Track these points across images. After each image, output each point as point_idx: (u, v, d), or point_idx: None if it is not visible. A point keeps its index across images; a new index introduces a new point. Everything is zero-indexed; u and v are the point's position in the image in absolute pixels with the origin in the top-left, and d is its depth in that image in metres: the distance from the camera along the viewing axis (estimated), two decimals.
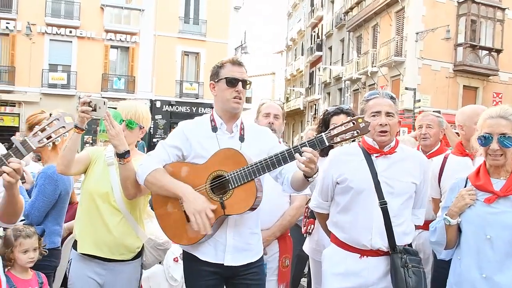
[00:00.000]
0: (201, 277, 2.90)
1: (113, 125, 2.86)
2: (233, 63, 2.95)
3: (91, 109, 2.79)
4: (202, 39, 29.95)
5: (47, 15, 26.97)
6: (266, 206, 2.93)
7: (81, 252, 3.15)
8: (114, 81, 28.32)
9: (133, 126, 3.21)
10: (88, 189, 3.17)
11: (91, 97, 2.82)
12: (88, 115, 2.80)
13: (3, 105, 26.17)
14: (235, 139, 2.93)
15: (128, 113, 3.21)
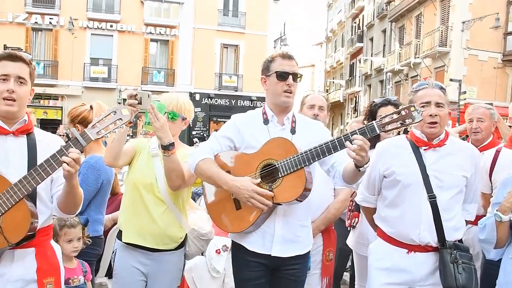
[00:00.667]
0: (247, 267, 2.93)
1: (158, 118, 2.90)
2: (283, 56, 2.96)
3: (137, 102, 2.82)
4: (241, 31, 29.95)
5: (89, 10, 27.58)
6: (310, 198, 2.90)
7: (126, 242, 3.20)
8: (154, 74, 28.75)
9: (175, 118, 3.24)
10: (133, 180, 3.22)
11: (136, 90, 2.87)
12: (135, 108, 2.83)
13: (46, 99, 26.95)
14: (286, 131, 2.94)
15: (170, 105, 3.23)
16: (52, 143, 2.53)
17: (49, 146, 2.46)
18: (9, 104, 2.39)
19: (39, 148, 2.50)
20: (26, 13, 26.63)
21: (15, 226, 2.31)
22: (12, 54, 2.44)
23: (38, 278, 2.44)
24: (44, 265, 2.47)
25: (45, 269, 2.47)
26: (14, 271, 2.40)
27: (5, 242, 2.30)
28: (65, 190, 2.44)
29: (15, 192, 2.29)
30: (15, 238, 2.31)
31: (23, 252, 2.42)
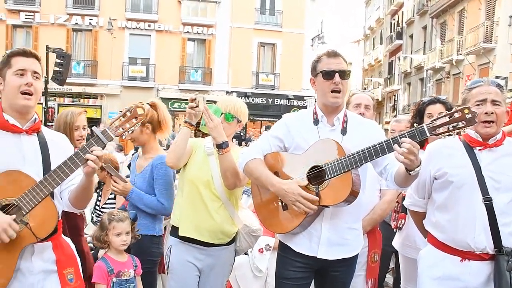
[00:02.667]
0: (291, 268, 2.95)
1: (212, 118, 3.07)
2: (328, 55, 2.93)
3: (196, 105, 3.09)
4: (278, 29, 29.80)
5: (127, 10, 28.04)
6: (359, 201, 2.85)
7: (183, 235, 3.32)
8: (191, 73, 28.96)
9: (231, 119, 3.36)
10: (190, 176, 3.35)
11: (197, 95, 3.15)
12: (194, 111, 3.11)
13: (86, 98, 27.63)
14: (336, 132, 2.91)
15: (227, 107, 3.36)
16: (60, 141, 2.72)
17: (59, 144, 2.65)
18: (27, 98, 2.47)
19: (50, 146, 2.59)
20: (67, 14, 27.34)
21: (42, 222, 2.42)
22: (26, 50, 2.54)
23: (59, 269, 2.55)
24: (62, 257, 2.58)
25: (63, 260, 2.58)
26: (35, 264, 2.49)
27: (34, 237, 2.39)
28: (83, 185, 2.52)
29: (41, 189, 2.37)
30: (43, 233, 2.43)
31: (41, 246, 2.51)
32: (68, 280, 2.57)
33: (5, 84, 2.49)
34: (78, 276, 2.64)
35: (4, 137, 2.47)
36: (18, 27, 27.35)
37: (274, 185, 2.81)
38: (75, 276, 2.61)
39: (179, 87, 28.21)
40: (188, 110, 3.16)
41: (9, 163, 2.42)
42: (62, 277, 2.55)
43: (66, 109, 4.06)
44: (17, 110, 2.50)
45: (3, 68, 2.51)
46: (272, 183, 2.82)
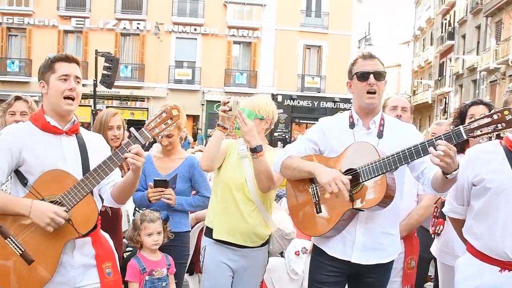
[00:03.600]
0: (324, 271, 2.94)
1: (246, 122, 3.09)
2: (364, 57, 2.94)
3: (228, 108, 3.12)
4: (324, 32, 29.58)
5: (174, 14, 28.62)
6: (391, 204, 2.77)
7: (216, 238, 3.37)
8: (236, 76, 29.18)
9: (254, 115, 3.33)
10: (224, 179, 3.39)
11: (228, 98, 3.17)
12: (226, 114, 3.13)
13: (133, 100, 28.36)
14: (372, 135, 2.89)
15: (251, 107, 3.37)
16: (97, 141, 2.85)
17: (96, 144, 2.79)
18: (70, 103, 2.61)
19: (88, 146, 2.73)
20: (115, 19, 28.25)
21: (83, 219, 2.55)
22: (68, 56, 2.66)
23: (97, 264, 2.67)
24: (100, 252, 2.70)
25: (102, 255, 2.70)
26: (76, 259, 2.62)
27: (76, 233, 2.53)
28: (128, 182, 2.64)
29: (82, 187, 2.50)
30: (84, 229, 2.56)
31: (82, 241, 2.63)
32: (106, 274, 2.68)
33: (48, 88, 2.61)
34: (115, 270, 2.76)
35: (46, 138, 2.61)
36: (69, 32, 28.49)
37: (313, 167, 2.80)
38: (113, 270, 2.73)
39: (224, 90, 28.44)
40: (220, 113, 3.17)
41: (51, 163, 2.56)
42: (100, 271, 2.67)
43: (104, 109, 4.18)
44: (59, 114, 2.64)
45: (46, 73, 2.62)
46: (311, 166, 2.82)
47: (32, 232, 2.49)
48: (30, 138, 2.58)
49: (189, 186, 3.82)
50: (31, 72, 27.32)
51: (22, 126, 2.71)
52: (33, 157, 2.54)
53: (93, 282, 2.65)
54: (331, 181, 2.62)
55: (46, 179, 2.52)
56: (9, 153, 2.51)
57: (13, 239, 2.48)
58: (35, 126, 2.62)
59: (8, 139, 2.56)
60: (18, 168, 2.56)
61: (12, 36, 28.44)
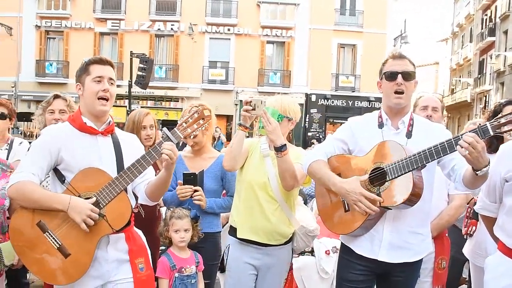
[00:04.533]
0: (351, 269, 2.97)
1: (270, 122, 3.10)
2: (393, 57, 2.95)
3: (251, 108, 3.11)
4: (359, 30, 29.25)
5: (207, 15, 28.86)
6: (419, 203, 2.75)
7: (240, 237, 3.39)
8: (270, 75, 29.17)
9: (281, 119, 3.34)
10: (247, 178, 3.40)
11: (251, 98, 3.16)
12: (249, 113, 3.12)
13: (168, 101, 28.74)
14: (401, 135, 2.90)
15: (274, 107, 3.37)
16: (132, 141, 2.95)
17: (130, 144, 2.89)
18: (103, 104, 2.72)
19: (123, 146, 2.83)
20: (150, 21, 28.71)
21: (117, 215, 2.64)
22: (102, 59, 2.77)
23: (131, 259, 2.76)
24: (134, 247, 2.79)
25: (135, 250, 2.79)
26: (110, 254, 2.71)
27: (110, 229, 2.62)
28: (162, 180, 2.74)
29: (116, 185, 2.60)
30: (118, 225, 2.64)
31: (116, 237, 2.72)
32: (139, 269, 2.77)
33: (84, 90, 2.74)
34: (148, 266, 2.84)
35: (82, 138, 2.74)
36: (105, 34, 29.15)
37: (336, 185, 2.81)
38: (146, 266, 2.81)
39: (258, 89, 28.48)
40: (243, 113, 3.17)
41: (88, 161, 2.67)
42: (133, 266, 2.76)
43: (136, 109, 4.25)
44: (94, 114, 2.75)
45: (81, 75, 2.75)
46: (334, 182, 2.83)
47: (69, 226, 2.60)
48: (68, 138, 2.71)
49: (220, 186, 3.81)
50: (68, 74, 28.15)
51: (60, 127, 2.84)
52: (70, 156, 2.67)
53: (126, 276, 2.74)
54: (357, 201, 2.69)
55: (82, 177, 2.64)
56: (48, 153, 2.65)
57: (51, 233, 2.60)
58: (73, 127, 2.76)
59: (47, 139, 2.70)
60: (57, 167, 2.70)
61: (50, 39, 29.33)
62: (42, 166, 2.64)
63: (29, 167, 2.63)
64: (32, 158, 2.68)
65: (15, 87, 27.52)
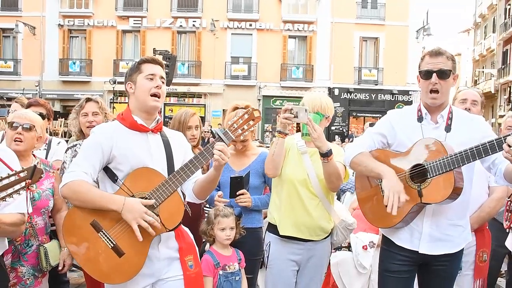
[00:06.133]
0: (395, 261, 3.00)
1: (315, 129, 3.08)
2: (430, 54, 2.93)
3: (293, 116, 3.08)
4: (381, 23, 28.90)
5: (229, 10, 28.75)
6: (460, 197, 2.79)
7: (284, 234, 3.43)
8: (292, 70, 29.00)
9: (320, 119, 3.35)
10: (287, 176, 3.43)
11: (292, 105, 3.12)
12: (290, 121, 3.11)
13: (191, 97, 28.72)
14: (440, 129, 2.91)
15: (314, 106, 3.37)
16: (179, 139, 2.98)
17: (178, 142, 2.92)
18: (156, 100, 2.76)
19: (172, 143, 2.87)
20: (172, 17, 28.72)
21: (170, 215, 2.68)
22: (154, 58, 2.85)
23: (181, 256, 2.80)
24: (183, 245, 2.82)
25: (185, 248, 2.82)
26: (161, 252, 2.76)
27: (163, 228, 2.65)
28: (211, 179, 2.77)
29: (170, 185, 2.64)
30: (171, 224, 2.69)
31: (166, 236, 2.76)
32: (188, 267, 2.81)
33: (135, 88, 2.79)
34: (197, 263, 2.88)
35: (133, 136, 2.77)
36: (127, 32, 29.27)
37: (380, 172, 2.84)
38: (195, 263, 2.85)
39: (280, 84, 28.40)
40: (283, 120, 3.14)
41: (139, 159, 2.71)
42: (183, 263, 2.79)
43: (182, 109, 4.33)
44: (146, 111, 2.80)
45: (133, 74, 2.81)
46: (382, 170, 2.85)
47: (123, 226, 2.62)
48: (119, 136, 2.72)
49: (262, 182, 3.83)
50: (91, 72, 28.48)
51: (111, 125, 2.85)
52: (122, 154, 2.70)
53: (176, 274, 2.77)
54: (392, 191, 2.70)
55: (135, 177, 2.66)
56: (100, 151, 2.67)
57: (105, 233, 2.62)
58: (123, 125, 2.78)
59: (99, 138, 2.71)
60: (108, 165, 2.72)
61: (73, 37, 29.56)
62: (94, 165, 2.66)
63: (81, 166, 2.64)
64: (84, 157, 2.69)
65: (39, 86, 27.88)
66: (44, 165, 3.50)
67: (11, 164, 2.45)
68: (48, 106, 4.77)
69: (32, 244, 3.28)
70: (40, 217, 3.34)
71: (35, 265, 3.28)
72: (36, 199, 3.29)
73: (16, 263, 3.21)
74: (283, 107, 3.14)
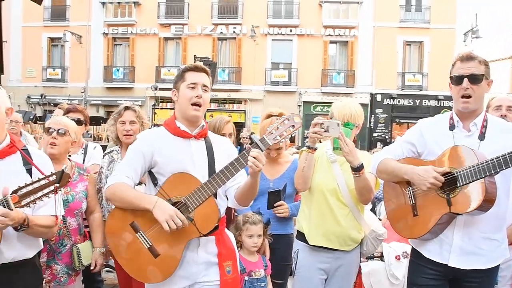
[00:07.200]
0: (423, 275, 2.91)
1: (347, 143, 3.06)
2: (461, 59, 2.87)
3: (323, 130, 3.03)
4: (426, 26, 28.25)
5: (269, 17, 28.91)
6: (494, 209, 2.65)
7: (313, 244, 3.41)
8: (333, 76, 28.74)
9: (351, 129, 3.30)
10: (317, 184, 3.41)
11: (323, 120, 3.07)
12: (320, 135, 3.06)
13: (231, 103, 29.01)
14: (473, 137, 2.80)
15: (344, 116, 3.33)
16: (224, 145, 3.00)
17: (222, 148, 2.95)
18: (196, 109, 2.81)
19: (215, 150, 2.90)
20: (212, 24, 29.17)
21: (205, 219, 2.70)
22: (197, 66, 2.89)
23: (219, 262, 2.83)
24: (223, 250, 2.85)
25: (224, 253, 2.85)
26: (200, 256, 2.80)
27: (198, 232, 2.70)
28: (248, 185, 2.75)
29: (205, 190, 2.67)
30: (205, 229, 2.71)
31: (206, 240, 2.80)
32: (226, 272, 2.83)
33: (179, 96, 2.87)
34: (235, 269, 2.90)
35: (176, 142, 2.84)
36: (169, 39, 29.91)
37: (408, 172, 2.80)
38: (233, 269, 2.87)
39: (321, 90, 28.21)
40: (312, 135, 3.10)
41: (181, 164, 2.77)
42: (221, 268, 2.82)
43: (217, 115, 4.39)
44: (187, 119, 2.86)
45: (178, 82, 2.89)
46: (406, 170, 2.81)
47: (159, 228, 2.67)
48: (162, 142, 2.83)
49: (295, 189, 3.81)
50: (134, 78, 29.32)
51: (155, 131, 2.96)
52: (163, 159, 2.79)
53: (213, 279, 2.81)
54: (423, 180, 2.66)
55: (173, 182, 2.74)
56: (142, 156, 2.80)
57: (142, 234, 2.74)
58: (167, 131, 2.88)
59: (142, 143, 2.84)
60: (151, 170, 2.84)
61: (117, 45, 30.53)
62: (136, 169, 2.79)
63: (124, 170, 2.80)
64: (127, 162, 2.84)
65: (85, 92, 28.87)
66: (79, 168, 3.69)
67: (44, 168, 2.60)
68: (85, 112, 5.04)
69: (66, 243, 3.48)
70: (74, 218, 3.53)
71: (69, 263, 3.47)
72: (69, 201, 3.47)
73: (51, 261, 3.43)
74: (313, 121, 3.09)
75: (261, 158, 2.56)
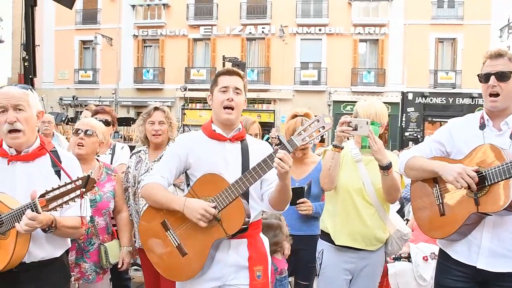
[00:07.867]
0: (450, 276, 2.86)
1: (376, 141, 3.07)
2: (490, 57, 2.80)
3: (352, 128, 3.02)
4: (459, 23, 27.59)
5: (298, 16, 28.81)
6: None
7: (339, 245, 3.41)
8: (363, 74, 28.42)
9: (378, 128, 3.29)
10: (342, 184, 3.41)
11: (352, 119, 3.06)
12: (348, 134, 3.07)
13: (260, 103, 29.05)
14: (504, 136, 2.74)
15: (369, 116, 3.31)
16: (261, 149, 2.94)
17: (259, 151, 2.87)
18: (229, 113, 2.84)
19: (251, 152, 2.90)
20: (241, 25, 29.29)
21: (232, 220, 2.69)
22: (229, 70, 2.94)
23: (249, 266, 2.81)
24: (254, 254, 2.84)
25: (255, 258, 2.83)
26: (229, 258, 2.80)
27: (224, 233, 2.69)
28: (278, 188, 2.72)
29: (232, 191, 2.67)
30: (231, 230, 2.69)
31: (237, 242, 2.81)
32: (256, 277, 2.82)
33: (213, 100, 2.93)
34: (265, 274, 2.88)
35: (211, 145, 2.89)
36: (198, 40, 30.20)
37: (438, 167, 2.76)
38: (263, 274, 2.85)
39: (351, 89, 27.94)
40: (339, 133, 3.09)
41: (214, 167, 2.80)
42: (251, 273, 2.81)
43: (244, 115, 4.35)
44: (222, 122, 2.90)
45: (212, 86, 2.95)
46: (435, 166, 2.78)
47: (187, 227, 2.74)
48: (197, 145, 2.90)
49: (321, 190, 3.81)
50: (164, 80, 29.72)
51: (192, 134, 3.04)
52: (197, 161, 2.85)
53: (243, 283, 2.80)
54: (457, 176, 2.59)
55: (203, 182, 2.78)
56: (177, 158, 2.87)
57: (172, 232, 2.80)
58: (204, 134, 2.94)
59: (178, 146, 2.94)
60: (186, 171, 2.91)
61: (147, 47, 30.99)
62: (171, 170, 2.87)
63: (159, 171, 2.89)
64: (164, 162, 2.93)
65: (115, 94, 29.41)
66: (107, 169, 3.76)
67: (72, 169, 2.71)
68: (113, 114, 5.14)
69: (94, 242, 3.56)
70: (101, 217, 3.60)
71: (97, 262, 3.55)
72: (97, 201, 3.55)
73: (79, 259, 3.51)
74: (340, 120, 3.06)
75: (287, 160, 2.50)
